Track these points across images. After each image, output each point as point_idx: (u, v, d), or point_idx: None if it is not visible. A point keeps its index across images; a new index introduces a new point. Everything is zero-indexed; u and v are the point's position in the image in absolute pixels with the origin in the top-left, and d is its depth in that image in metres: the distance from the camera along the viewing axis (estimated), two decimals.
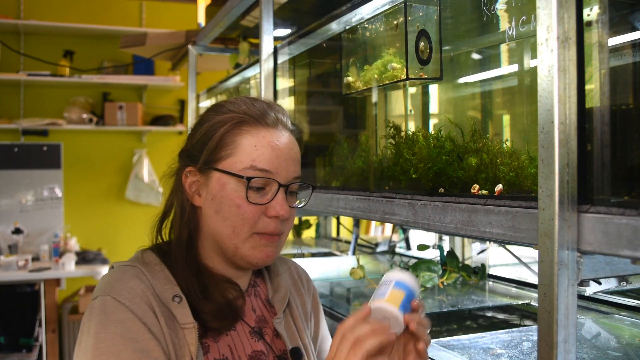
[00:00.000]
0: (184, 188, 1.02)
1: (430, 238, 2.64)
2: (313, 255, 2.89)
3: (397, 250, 2.83)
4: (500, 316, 1.81)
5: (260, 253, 0.99)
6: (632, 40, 0.81)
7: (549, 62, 0.74)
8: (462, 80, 1.31)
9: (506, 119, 1.18)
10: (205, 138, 1.00)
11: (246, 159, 0.97)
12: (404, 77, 1.25)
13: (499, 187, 0.96)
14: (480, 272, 2.08)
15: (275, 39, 1.93)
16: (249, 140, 0.98)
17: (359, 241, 3.01)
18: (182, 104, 4.80)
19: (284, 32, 2.43)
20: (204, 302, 0.97)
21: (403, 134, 1.29)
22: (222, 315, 0.98)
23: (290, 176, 1.00)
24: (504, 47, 1.14)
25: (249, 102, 1.03)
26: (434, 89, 1.34)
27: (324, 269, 2.40)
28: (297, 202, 1.05)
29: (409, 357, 0.87)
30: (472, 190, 1.02)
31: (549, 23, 0.74)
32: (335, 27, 1.58)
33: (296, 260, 1.29)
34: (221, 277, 1.02)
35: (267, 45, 1.88)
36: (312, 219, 3.39)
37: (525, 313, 1.78)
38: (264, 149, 0.97)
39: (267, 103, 1.05)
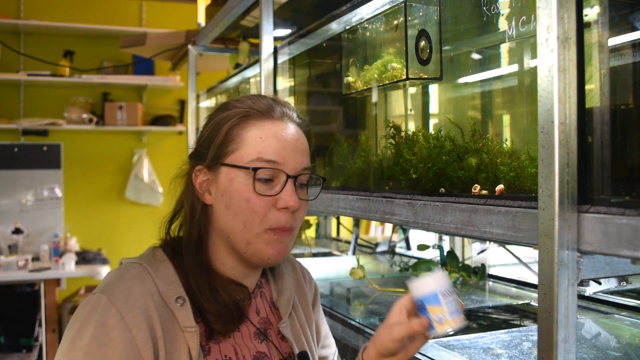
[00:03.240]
0: (194, 188, 1.02)
1: (430, 238, 2.64)
2: (313, 255, 2.89)
3: (397, 250, 2.83)
4: (500, 316, 1.81)
5: (273, 249, 0.98)
6: (632, 40, 0.81)
7: (549, 62, 0.74)
8: (462, 80, 1.31)
9: (506, 118, 1.18)
10: (212, 135, 1.00)
11: (252, 152, 0.97)
12: (404, 77, 1.25)
13: (500, 187, 0.96)
14: (480, 272, 2.08)
15: (275, 39, 1.93)
16: (255, 133, 0.98)
17: (359, 241, 3.01)
18: (182, 104, 4.79)
19: (284, 32, 2.43)
20: (211, 302, 0.96)
21: (403, 134, 1.29)
22: (227, 316, 0.97)
23: (298, 167, 0.99)
24: (504, 47, 1.14)
25: (254, 98, 1.03)
26: (434, 89, 1.34)
27: (324, 269, 2.40)
28: (308, 195, 1.04)
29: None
30: (473, 190, 1.02)
31: (549, 23, 0.74)
32: (335, 27, 1.58)
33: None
34: (228, 279, 1.02)
35: (267, 45, 1.88)
36: (312, 219, 3.38)
37: (525, 313, 1.78)
38: (269, 140, 0.97)
39: (273, 98, 1.05)
